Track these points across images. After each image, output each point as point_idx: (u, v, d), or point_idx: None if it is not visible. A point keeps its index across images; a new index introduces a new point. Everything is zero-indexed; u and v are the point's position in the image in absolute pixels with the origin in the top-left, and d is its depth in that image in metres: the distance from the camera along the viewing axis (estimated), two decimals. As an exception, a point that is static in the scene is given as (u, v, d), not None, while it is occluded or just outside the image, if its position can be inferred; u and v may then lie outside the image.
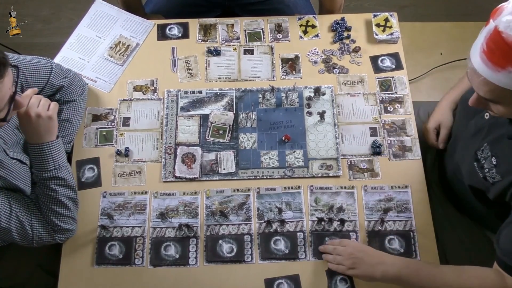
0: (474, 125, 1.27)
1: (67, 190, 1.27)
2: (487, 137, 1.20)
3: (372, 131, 1.49)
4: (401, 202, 1.39)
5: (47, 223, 1.26)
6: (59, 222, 1.26)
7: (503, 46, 0.94)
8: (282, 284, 1.30)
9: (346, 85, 1.56)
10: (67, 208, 1.27)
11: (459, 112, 1.40)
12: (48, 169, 1.24)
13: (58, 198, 1.25)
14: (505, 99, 1.02)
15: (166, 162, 1.45)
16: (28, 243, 1.25)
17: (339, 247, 1.28)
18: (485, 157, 1.19)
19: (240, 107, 1.53)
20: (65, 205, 1.26)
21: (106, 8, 1.70)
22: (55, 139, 1.25)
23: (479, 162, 1.21)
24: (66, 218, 1.28)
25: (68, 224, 1.29)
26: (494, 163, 1.17)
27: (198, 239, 1.36)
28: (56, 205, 1.25)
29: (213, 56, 1.62)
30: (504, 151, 1.15)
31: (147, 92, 1.56)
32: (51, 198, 1.25)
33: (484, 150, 1.20)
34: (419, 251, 1.33)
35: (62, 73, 1.42)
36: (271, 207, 1.39)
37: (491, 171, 1.17)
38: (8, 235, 1.22)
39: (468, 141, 1.28)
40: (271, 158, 1.46)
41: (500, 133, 1.16)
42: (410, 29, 2.42)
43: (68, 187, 1.27)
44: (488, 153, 1.19)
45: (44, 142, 1.23)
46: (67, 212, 1.27)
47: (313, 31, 1.66)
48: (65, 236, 1.30)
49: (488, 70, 0.98)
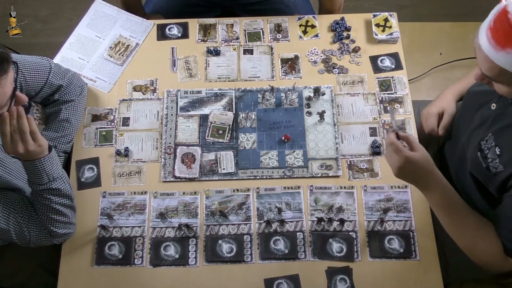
0: (480, 116, 1.27)
1: (62, 199, 1.24)
2: (491, 127, 1.21)
3: (372, 131, 1.49)
4: (400, 202, 1.39)
5: (44, 228, 1.26)
6: (55, 228, 1.26)
7: (506, 26, 0.96)
8: (281, 284, 1.30)
9: (345, 85, 1.56)
10: (63, 215, 1.26)
11: (466, 104, 1.40)
12: (42, 183, 1.20)
13: (53, 206, 1.23)
14: (504, 79, 1.04)
15: (165, 162, 1.45)
16: (26, 244, 1.26)
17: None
18: (489, 147, 1.19)
19: (239, 107, 1.53)
20: (61, 212, 1.25)
21: (105, 8, 1.69)
22: (47, 154, 1.19)
23: (482, 152, 1.21)
24: (62, 224, 1.27)
25: (65, 229, 1.28)
26: (498, 153, 1.17)
27: (197, 239, 1.36)
28: (52, 212, 1.24)
29: (212, 56, 1.62)
30: (508, 141, 1.16)
31: (146, 92, 1.56)
32: (46, 206, 1.23)
33: (488, 140, 1.20)
34: (419, 251, 1.33)
35: (61, 72, 1.42)
36: (271, 207, 1.39)
37: (494, 161, 1.18)
38: (6, 235, 1.22)
39: (472, 132, 1.28)
40: (270, 158, 1.46)
41: (505, 123, 1.17)
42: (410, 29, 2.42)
43: (63, 196, 1.24)
44: (492, 143, 1.19)
45: (36, 159, 1.17)
46: (63, 218, 1.26)
47: (313, 31, 1.67)
48: (63, 239, 1.31)
49: (490, 48, 1.00)
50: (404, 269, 1.32)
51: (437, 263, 1.32)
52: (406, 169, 1.17)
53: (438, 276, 1.30)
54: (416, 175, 1.18)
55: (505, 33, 0.96)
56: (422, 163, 1.16)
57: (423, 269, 1.31)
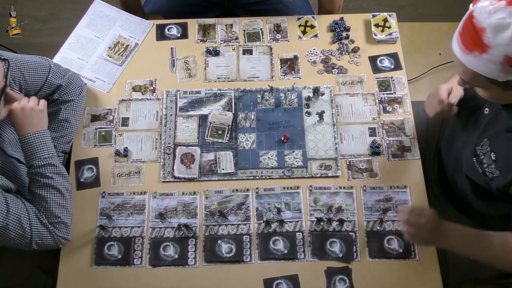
0: (473, 121, 1.27)
1: (61, 179, 1.29)
2: (486, 132, 1.21)
3: (371, 131, 1.49)
4: (400, 202, 1.39)
5: (45, 219, 1.25)
6: (59, 213, 1.26)
7: (471, 31, 0.98)
8: (281, 284, 1.30)
9: (345, 85, 1.56)
10: (63, 195, 1.28)
11: (460, 109, 1.40)
12: (42, 156, 1.27)
13: (55, 185, 1.27)
14: (479, 82, 1.05)
15: (165, 162, 1.45)
16: (27, 243, 1.24)
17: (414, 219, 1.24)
18: (484, 152, 1.20)
19: (239, 107, 1.53)
20: (62, 194, 1.28)
21: (105, 8, 1.69)
22: (46, 129, 1.30)
23: (478, 158, 1.22)
24: (64, 210, 1.28)
25: (66, 218, 1.28)
26: (493, 158, 1.17)
27: (197, 239, 1.36)
28: (54, 194, 1.27)
29: (212, 56, 1.62)
30: (503, 146, 1.16)
31: (146, 92, 1.56)
32: (48, 186, 1.26)
33: (483, 146, 1.20)
34: (418, 251, 1.33)
35: (61, 72, 1.43)
36: (270, 207, 1.39)
37: (490, 166, 1.18)
38: (5, 235, 1.20)
39: (467, 137, 1.28)
40: (270, 158, 1.46)
41: (500, 128, 1.17)
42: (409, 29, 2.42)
43: (62, 175, 1.30)
44: (488, 148, 1.19)
45: (38, 131, 1.28)
46: (64, 202, 1.28)
47: (312, 31, 1.67)
48: (63, 234, 1.28)
49: (460, 52, 1.03)
50: (403, 269, 1.32)
51: (436, 263, 1.32)
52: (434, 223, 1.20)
53: (437, 276, 1.30)
54: (439, 229, 1.21)
55: (471, 37, 0.99)
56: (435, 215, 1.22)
57: (422, 269, 1.31)
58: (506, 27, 0.93)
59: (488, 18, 0.95)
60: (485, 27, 0.95)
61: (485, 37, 0.96)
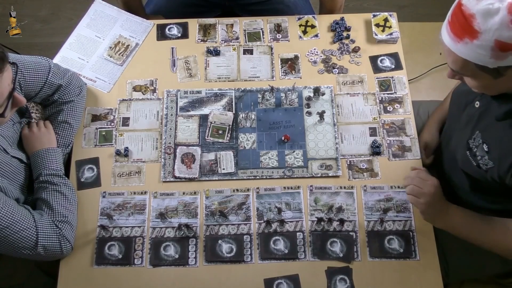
0: (466, 115, 1.28)
1: (68, 190, 1.34)
2: (478, 125, 1.22)
3: (372, 131, 1.49)
4: (400, 202, 1.39)
5: (51, 217, 1.26)
6: (65, 213, 1.29)
7: (461, 18, 0.99)
8: (281, 284, 1.30)
9: (345, 85, 1.56)
10: (70, 203, 1.32)
11: (452, 105, 1.41)
12: (51, 167, 1.33)
13: (62, 191, 1.31)
14: (469, 71, 1.06)
15: (165, 162, 1.45)
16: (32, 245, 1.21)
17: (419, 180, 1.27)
18: (477, 144, 1.21)
19: (239, 107, 1.53)
20: (68, 199, 1.32)
21: (105, 8, 1.69)
22: (56, 147, 1.39)
23: (471, 151, 1.23)
24: (70, 212, 1.30)
25: (72, 220, 1.30)
26: (486, 149, 1.18)
27: (197, 239, 1.36)
28: (61, 198, 1.31)
29: (212, 56, 1.62)
30: (494, 136, 1.17)
31: (146, 92, 1.56)
32: (55, 192, 1.30)
33: (475, 138, 1.21)
34: (419, 251, 1.33)
35: (61, 72, 1.43)
36: (271, 207, 1.39)
37: (483, 158, 1.19)
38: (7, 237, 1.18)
39: (460, 132, 1.29)
40: (270, 158, 1.46)
41: (490, 119, 1.18)
42: (410, 29, 2.42)
43: (68, 187, 1.35)
44: (480, 140, 1.20)
45: (49, 147, 1.36)
46: (70, 206, 1.31)
47: (313, 31, 1.67)
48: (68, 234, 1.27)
49: (450, 40, 1.04)
50: (404, 269, 1.32)
51: (436, 263, 1.32)
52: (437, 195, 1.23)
53: (437, 276, 1.30)
54: (441, 203, 1.24)
55: (460, 25, 1.00)
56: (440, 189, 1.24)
57: (423, 269, 1.31)
58: (495, 12, 0.95)
59: (477, 5, 0.97)
60: (474, 13, 0.97)
61: (475, 23, 0.97)
